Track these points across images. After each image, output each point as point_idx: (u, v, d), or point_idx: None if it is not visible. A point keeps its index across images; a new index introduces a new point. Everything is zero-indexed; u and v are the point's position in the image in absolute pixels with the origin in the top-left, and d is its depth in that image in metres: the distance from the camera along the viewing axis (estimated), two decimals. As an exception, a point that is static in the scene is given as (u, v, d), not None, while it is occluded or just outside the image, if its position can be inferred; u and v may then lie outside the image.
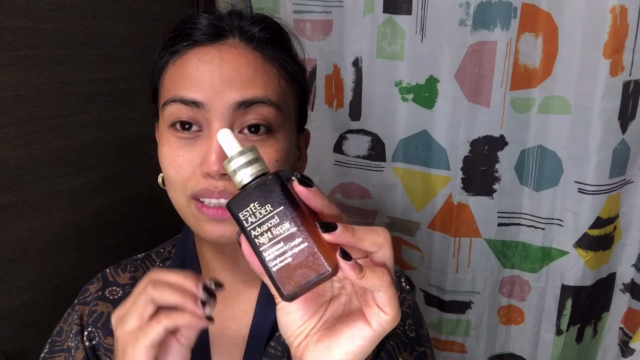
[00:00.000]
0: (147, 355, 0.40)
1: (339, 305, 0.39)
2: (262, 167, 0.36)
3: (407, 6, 1.00)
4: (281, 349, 0.53)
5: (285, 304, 0.38)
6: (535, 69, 0.95)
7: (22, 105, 0.74)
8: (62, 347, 0.56)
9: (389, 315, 0.35)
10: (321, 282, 0.34)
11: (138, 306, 0.41)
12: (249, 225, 0.34)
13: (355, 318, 0.37)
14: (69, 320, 0.59)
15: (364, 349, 0.36)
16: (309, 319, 0.39)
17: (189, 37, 0.51)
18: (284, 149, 0.51)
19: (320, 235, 0.34)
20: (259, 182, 0.34)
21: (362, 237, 0.34)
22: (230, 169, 0.35)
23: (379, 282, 0.34)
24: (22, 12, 0.73)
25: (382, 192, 1.14)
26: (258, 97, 0.48)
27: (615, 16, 0.85)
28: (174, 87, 0.50)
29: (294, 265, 0.34)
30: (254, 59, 0.50)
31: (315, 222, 0.34)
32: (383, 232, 0.35)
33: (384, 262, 0.36)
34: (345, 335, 0.36)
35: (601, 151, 0.92)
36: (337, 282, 0.39)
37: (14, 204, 0.74)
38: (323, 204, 0.35)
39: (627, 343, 1.02)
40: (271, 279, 0.34)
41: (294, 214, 0.33)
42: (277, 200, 0.34)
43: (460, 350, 1.17)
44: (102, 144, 0.88)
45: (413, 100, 1.05)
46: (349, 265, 0.33)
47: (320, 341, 0.37)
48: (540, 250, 1.04)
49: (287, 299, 0.34)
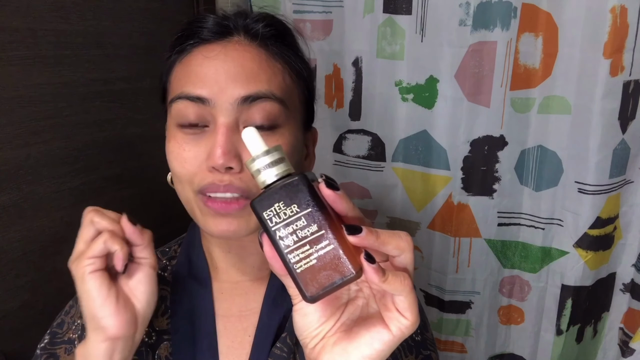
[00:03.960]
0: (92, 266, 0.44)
1: (356, 308, 0.39)
2: (287, 167, 0.35)
3: (407, 6, 1.00)
4: (287, 350, 0.53)
5: (303, 305, 0.38)
6: (535, 69, 0.95)
7: (22, 105, 0.74)
8: (62, 339, 0.56)
9: (409, 320, 0.35)
10: (345, 284, 0.34)
11: (82, 233, 0.46)
12: (273, 225, 0.34)
13: (373, 322, 0.36)
14: (72, 312, 0.59)
15: (382, 354, 0.36)
16: (326, 321, 0.38)
17: (196, 35, 0.52)
18: (289, 144, 0.51)
19: (345, 238, 0.33)
20: (285, 183, 0.34)
21: (386, 240, 0.34)
22: (254, 168, 0.35)
23: (400, 286, 0.34)
24: (22, 12, 0.73)
25: (382, 192, 1.14)
26: (262, 92, 0.49)
27: (615, 16, 0.85)
28: (180, 84, 0.50)
29: (319, 267, 0.33)
30: (258, 55, 0.51)
31: (341, 225, 0.34)
32: (406, 236, 0.35)
33: (405, 267, 0.36)
34: (363, 339, 0.36)
35: (601, 151, 0.92)
36: (354, 285, 0.39)
37: (14, 204, 0.74)
38: (348, 207, 0.35)
39: (627, 343, 1.02)
40: (294, 280, 0.34)
41: (322, 217, 0.33)
42: (305, 201, 0.33)
43: (460, 350, 1.17)
44: (102, 144, 0.88)
45: (413, 100, 1.05)
46: (372, 269, 0.33)
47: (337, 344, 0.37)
48: (540, 250, 1.04)
49: (309, 300, 0.34)
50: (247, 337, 0.56)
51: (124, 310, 0.45)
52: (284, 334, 0.54)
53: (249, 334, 0.56)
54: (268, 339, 0.54)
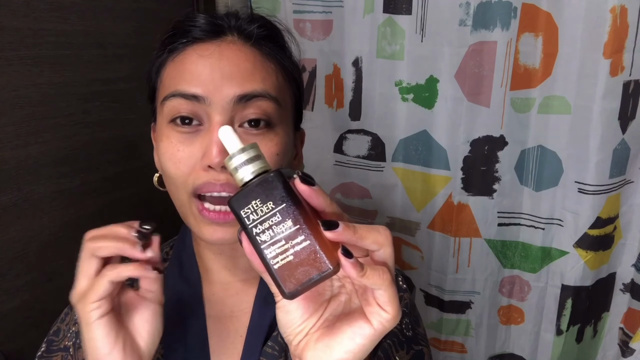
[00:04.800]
0: (98, 311, 0.41)
1: (339, 303, 0.39)
2: (263, 165, 0.35)
3: (407, 6, 1.00)
4: (278, 348, 0.53)
5: (285, 302, 0.38)
6: (535, 69, 0.95)
7: (22, 105, 0.74)
8: (59, 346, 0.56)
9: (389, 313, 0.35)
10: (322, 280, 0.34)
11: (83, 267, 0.43)
12: (250, 222, 0.34)
13: (355, 317, 0.37)
14: (67, 320, 0.58)
15: (364, 348, 0.36)
16: (308, 318, 0.38)
17: (188, 34, 0.51)
18: (284, 143, 0.52)
19: (322, 234, 0.34)
20: (261, 180, 0.34)
21: (364, 235, 0.34)
22: (232, 166, 0.35)
23: (379, 280, 0.34)
24: (22, 12, 0.73)
25: (382, 192, 1.14)
26: (257, 91, 0.49)
27: (615, 16, 0.85)
28: (174, 82, 0.50)
29: (296, 263, 0.34)
30: (252, 55, 0.51)
31: (317, 220, 0.34)
32: (384, 230, 0.36)
33: (385, 261, 0.36)
34: (345, 334, 0.36)
35: (601, 151, 0.92)
36: (336, 281, 0.39)
37: (14, 204, 0.74)
38: (325, 202, 0.35)
39: (627, 343, 1.02)
40: (272, 277, 0.34)
41: (296, 212, 0.33)
42: (279, 197, 0.33)
43: (460, 350, 1.17)
44: (102, 144, 0.88)
45: (413, 100, 1.05)
46: (350, 263, 0.33)
47: (320, 340, 0.37)
48: (540, 250, 1.04)
49: (288, 296, 0.34)
50: (239, 337, 0.56)
51: (131, 356, 0.43)
52: (275, 332, 0.54)
53: (240, 334, 0.56)
54: (260, 338, 0.54)
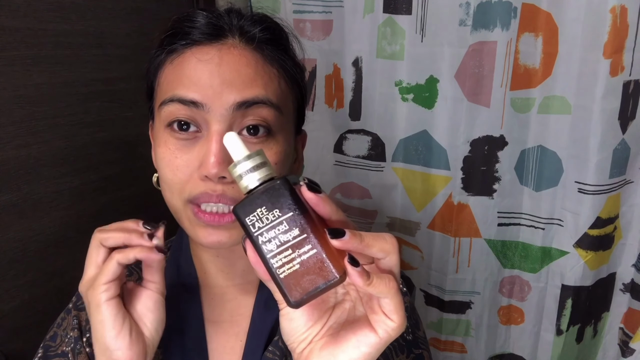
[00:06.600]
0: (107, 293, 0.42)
1: (343, 311, 0.39)
2: (269, 172, 0.35)
3: (407, 6, 1.00)
4: (279, 353, 0.53)
5: (289, 310, 0.38)
6: (535, 69, 0.95)
7: (22, 105, 0.74)
8: (56, 352, 0.55)
9: (395, 322, 0.35)
10: (329, 289, 0.34)
11: (91, 256, 0.45)
12: (255, 230, 0.33)
13: (360, 325, 0.36)
14: (64, 324, 0.57)
15: (370, 356, 0.36)
16: (312, 325, 0.38)
17: (187, 35, 0.50)
18: (283, 151, 0.50)
19: (328, 242, 0.33)
20: (267, 187, 0.33)
21: (370, 243, 0.34)
22: (236, 173, 0.35)
23: (385, 289, 0.34)
24: (22, 12, 0.73)
25: (382, 192, 1.14)
26: (258, 98, 0.47)
27: (615, 16, 0.85)
28: (172, 86, 0.49)
29: (302, 272, 0.33)
30: (254, 60, 0.49)
31: (324, 229, 0.33)
32: (390, 238, 0.35)
33: (391, 269, 0.35)
34: (350, 342, 0.36)
35: (601, 151, 0.92)
36: (341, 288, 0.39)
37: (14, 204, 0.74)
38: (331, 210, 0.34)
39: (627, 343, 1.02)
40: (278, 285, 0.34)
41: (303, 220, 0.33)
42: (286, 205, 0.33)
43: (460, 350, 1.17)
44: (102, 144, 0.88)
45: (413, 100, 1.05)
46: (357, 272, 0.32)
47: (324, 348, 0.37)
48: (540, 250, 1.04)
49: (293, 305, 0.34)
50: (238, 342, 0.55)
51: (136, 343, 0.44)
52: (276, 337, 0.53)
53: (240, 338, 0.55)
54: (260, 343, 0.54)
